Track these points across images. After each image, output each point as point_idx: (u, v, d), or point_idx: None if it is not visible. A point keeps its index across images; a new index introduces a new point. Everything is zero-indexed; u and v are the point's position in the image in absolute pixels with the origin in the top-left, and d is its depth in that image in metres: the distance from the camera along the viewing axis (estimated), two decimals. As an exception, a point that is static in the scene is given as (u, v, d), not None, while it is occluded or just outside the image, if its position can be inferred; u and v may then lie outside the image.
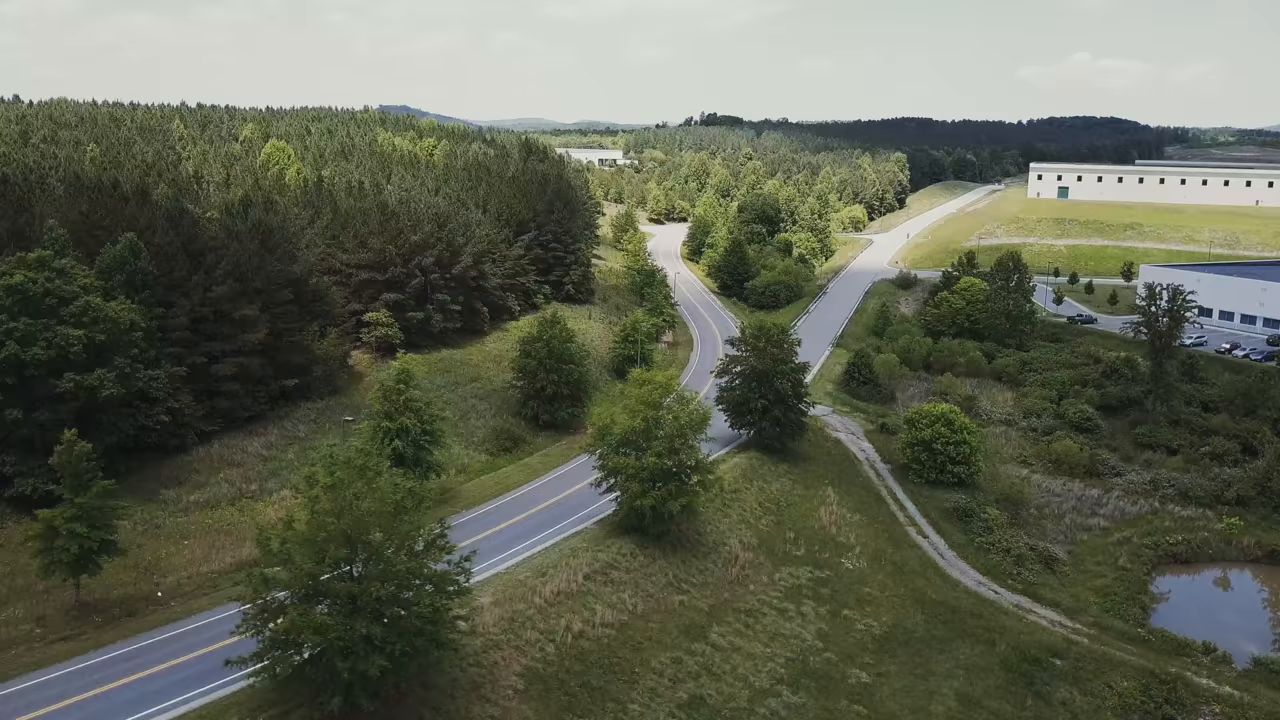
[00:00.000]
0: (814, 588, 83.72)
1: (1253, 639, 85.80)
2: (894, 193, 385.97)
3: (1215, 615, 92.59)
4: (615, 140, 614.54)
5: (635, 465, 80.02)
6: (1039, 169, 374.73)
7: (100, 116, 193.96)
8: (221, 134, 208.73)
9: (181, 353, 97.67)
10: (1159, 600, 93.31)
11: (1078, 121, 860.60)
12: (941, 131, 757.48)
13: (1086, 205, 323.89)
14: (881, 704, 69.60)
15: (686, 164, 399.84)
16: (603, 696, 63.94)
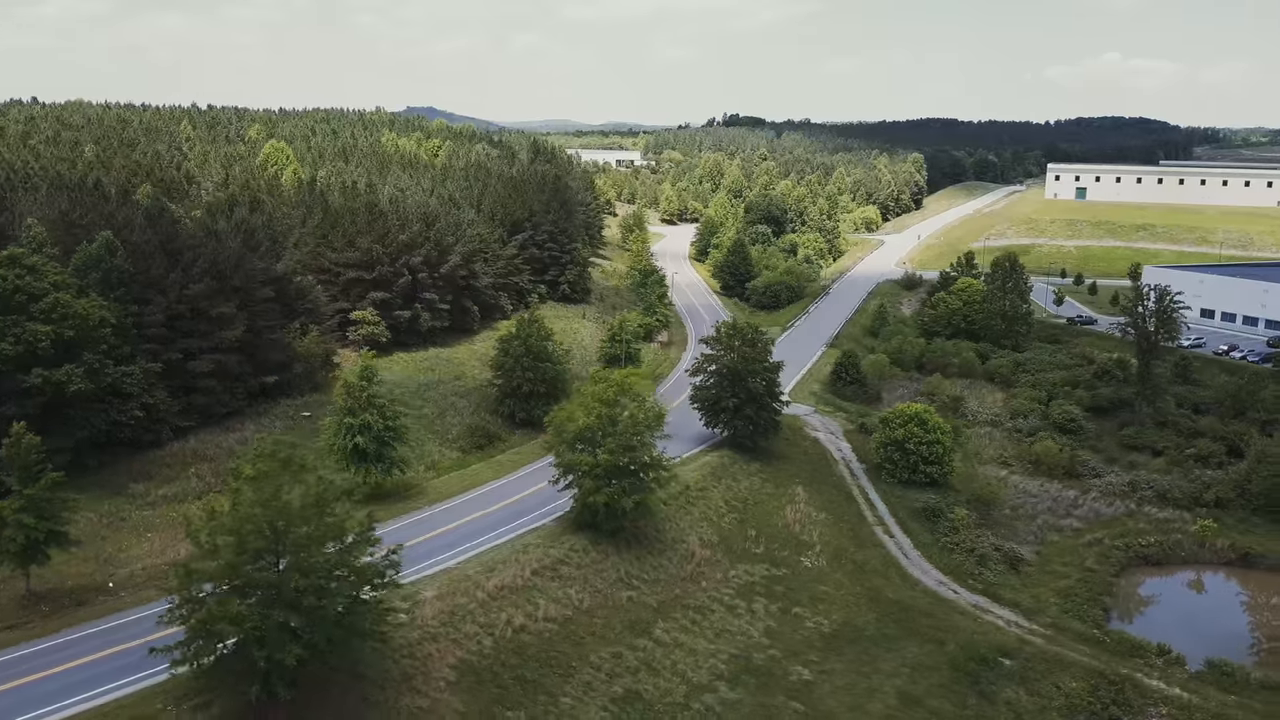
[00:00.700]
0: (768, 585, 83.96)
1: (1213, 641, 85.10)
2: (910, 193, 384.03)
3: (1179, 617, 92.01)
4: (636, 141, 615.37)
5: (589, 462, 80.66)
6: (1056, 169, 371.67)
7: (108, 118, 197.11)
8: (229, 135, 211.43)
9: (157, 349, 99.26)
10: (1122, 602, 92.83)
11: (1105, 122, 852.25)
12: (966, 132, 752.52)
13: (1102, 206, 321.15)
14: (820, 701, 69.77)
15: (701, 165, 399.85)
16: (535, 689, 64.56)
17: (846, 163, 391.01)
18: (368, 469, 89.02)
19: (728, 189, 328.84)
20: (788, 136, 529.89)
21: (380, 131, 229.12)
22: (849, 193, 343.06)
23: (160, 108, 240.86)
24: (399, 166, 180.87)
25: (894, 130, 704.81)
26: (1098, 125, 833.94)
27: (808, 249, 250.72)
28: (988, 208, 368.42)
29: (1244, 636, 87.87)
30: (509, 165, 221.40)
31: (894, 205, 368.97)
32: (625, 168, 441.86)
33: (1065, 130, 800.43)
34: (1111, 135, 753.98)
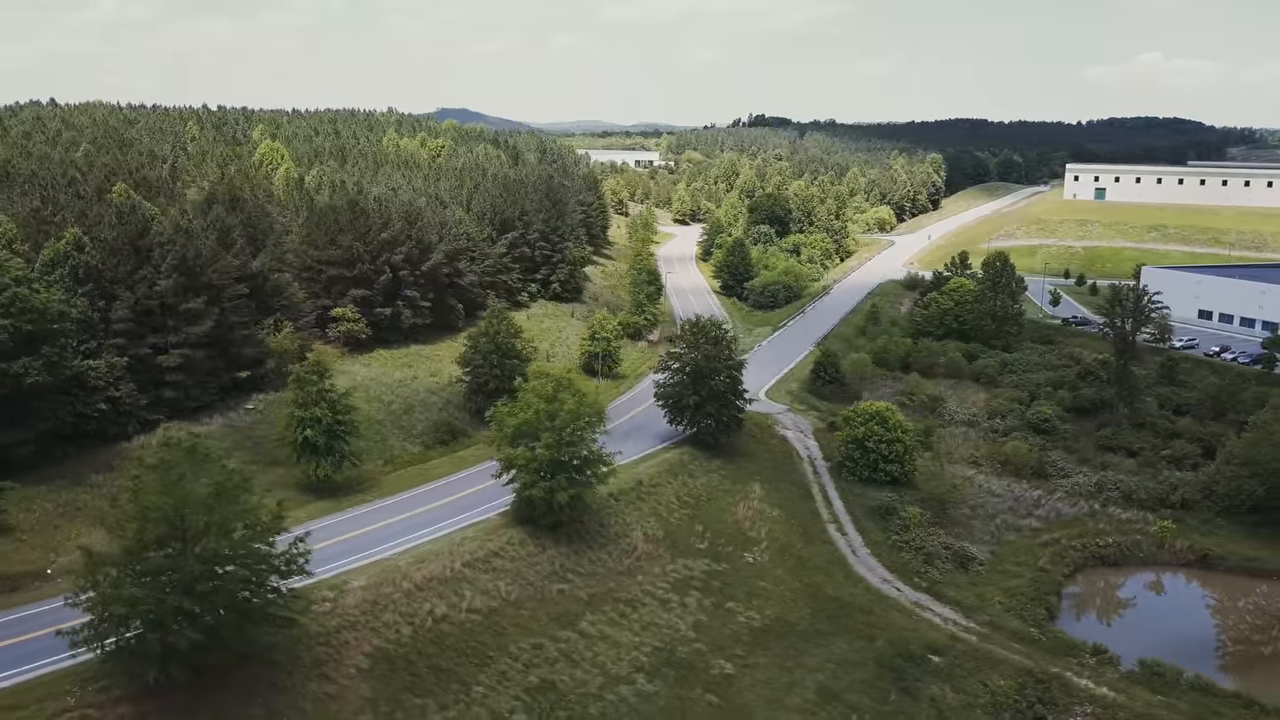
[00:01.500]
0: (706, 580, 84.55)
1: (1156, 642, 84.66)
2: (928, 194, 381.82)
3: (1126, 618, 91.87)
4: (658, 142, 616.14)
5: (527, 456, 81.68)
6: (1075, 170, 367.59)
7: (114, 119, 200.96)
8: (236, 135, 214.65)
9: (125, 344, 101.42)
10: (1069, 602, 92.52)
11: (1138, 122, 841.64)
12: (994, 132, 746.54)
13: (1119, 207, 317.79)
14: (737, 694, 70.31)
15: (716, 165, 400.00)
16: (449, 678, 65.64)
17: (862, 163, 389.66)
18: (318, 462, 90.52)
19: (740, 189, 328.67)
20: (810, 137, 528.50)
21: (384, 132, 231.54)
22: (863, 193, 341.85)
23: (170, 109, 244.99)
24: (392, 166, 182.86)
25: (921, 131, 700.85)
26: (1130, 126, 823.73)
27: (812, 249, 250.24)
28: (1006, 209, 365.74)
29: (1189, 638, 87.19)
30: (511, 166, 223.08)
31: (910, 206, 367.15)
32: (643, 168, 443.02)
33: (1096, 131, 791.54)
34: (1143, 136, 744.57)
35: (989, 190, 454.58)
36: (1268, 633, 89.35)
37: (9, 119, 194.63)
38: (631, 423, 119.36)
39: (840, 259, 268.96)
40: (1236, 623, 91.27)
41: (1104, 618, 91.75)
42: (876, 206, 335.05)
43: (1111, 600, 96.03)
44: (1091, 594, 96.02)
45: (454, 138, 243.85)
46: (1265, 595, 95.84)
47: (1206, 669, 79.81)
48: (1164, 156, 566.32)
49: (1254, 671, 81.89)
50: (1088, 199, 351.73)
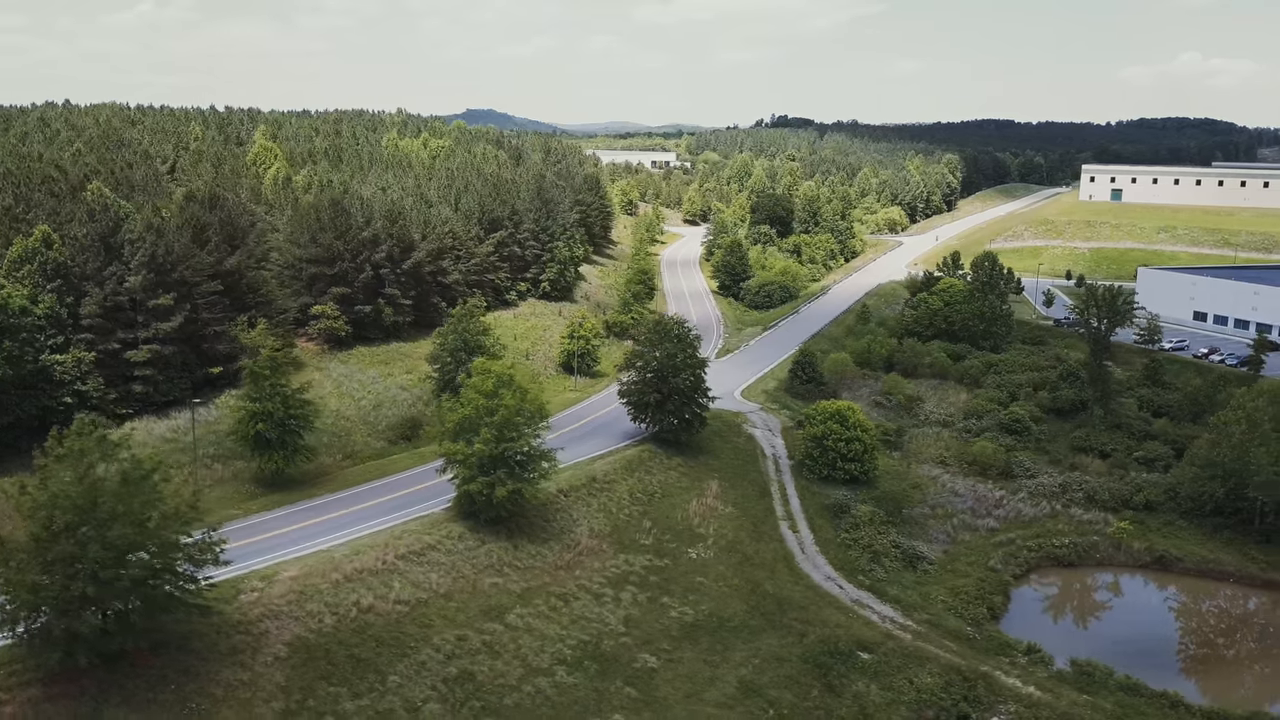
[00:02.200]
0: (644, 575, 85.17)
1: (1097, 641, 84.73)
2: (942, 195, 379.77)
3: (1070, 618, 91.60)
4: (678, 143, 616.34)
5: (465, 451, 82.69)
6: (1091, 171, 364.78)
7: (117, 119, 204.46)
8: (239, 136, 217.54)
9: (94, 339, 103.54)
10: (1015, 602, 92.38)
11: (1170, 123, 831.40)
12: (1021, 133, 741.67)
13: (1134, 208, 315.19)
14: (657, 688, 70.92)
15: (729, 166, 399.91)
16: (366, 668, 66.70)
17: (877, 164, 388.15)
18: (270, 455, 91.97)
19: (750, 190, 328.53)
20: (829, 138, 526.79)
21: (388, 132, 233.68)
22: (874, 194, 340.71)
23: (176, 110, 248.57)
24: (384, 166, 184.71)
25: (945, 131, 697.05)
26: (1160, 126, 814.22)
27: (814, 249, 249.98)
28: (1020, 210, 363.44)
29: (1132, 638, 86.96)
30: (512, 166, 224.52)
31: (923, 207, 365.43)
32: (658, 169, 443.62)
33: (1124, 132, 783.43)
34: (1173, 137, 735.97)
35: (1007, 191, 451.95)
36: (1214, 634, 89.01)
37: (16, 119, 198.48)
38: (599, 420, 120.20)
39: (845, 259, 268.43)
40: (1185, 624, 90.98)
41: (1050, 618, 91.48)
42: (887, 207, 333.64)
43: (1059, 600, 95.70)
44: (1041, 594, 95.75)
45: (456, 138, 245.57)
46: (1217, 597, 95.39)
47: (1144, 669, 79.45)
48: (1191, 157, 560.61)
49: (1192, 672, 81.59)
50: (1104, 200, 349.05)
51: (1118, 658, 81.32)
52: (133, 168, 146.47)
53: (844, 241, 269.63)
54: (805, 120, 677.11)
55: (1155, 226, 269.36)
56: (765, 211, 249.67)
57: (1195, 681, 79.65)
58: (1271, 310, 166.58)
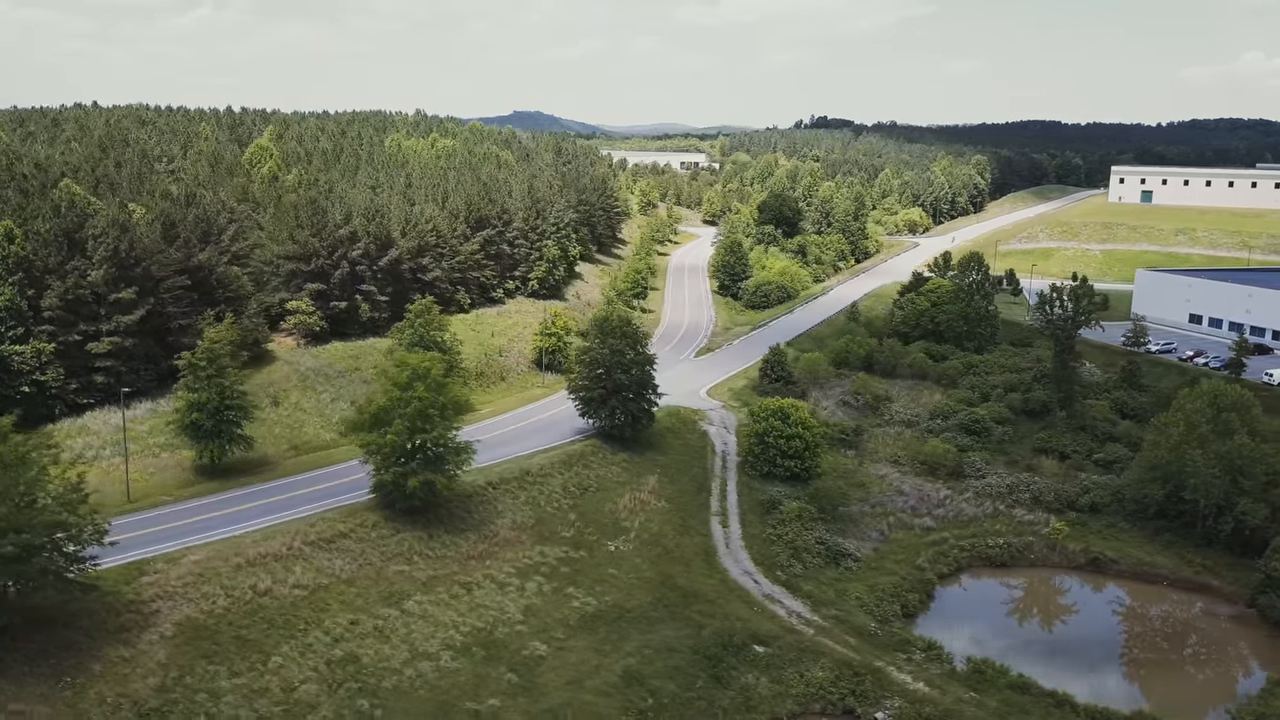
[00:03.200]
0: (555, 567, 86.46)
1: (1008, 639, 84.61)
2: (968, 196, 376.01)
3: (985, 617, 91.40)
4: (713, 144, 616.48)
5: (377, 441, 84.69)
6: (1120, 172, 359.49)
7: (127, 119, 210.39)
8: (250, 136, 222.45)
9: (55, 331, 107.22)
10: (936, 601, 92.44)
11: (1222, 124, 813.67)
12: (1066, 134, 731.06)
13: (1162, 210, 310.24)
14: (540, 675, 72.19)
15: (752, 166, 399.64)
16: (250, 648, 68.81)
17: (901, 165, 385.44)
18: (206, 444, 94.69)
19: (770, 190, 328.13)
20: (864, 139, 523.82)
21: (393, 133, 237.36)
22: (895, 195, 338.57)
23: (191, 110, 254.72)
24: (375, 166, 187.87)
25: (988, 132, 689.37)
26: (1212, 127, 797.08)
27: (824, 250, 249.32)
28: (1047, 211, 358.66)
29: (1044, 637, 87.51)
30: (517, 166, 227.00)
31: (948, 208, 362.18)
32: (686, 169, 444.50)
33: (1174, 133, 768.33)
34: (1224, 137, 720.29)
35: (1042, 193, 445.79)
36: (1130, 636, 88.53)
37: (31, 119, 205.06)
38: (557, 415, 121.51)
39: (856, 260, 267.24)
40: (1103, 625, 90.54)
41: (968, 617, 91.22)
42: (908, 209, 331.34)
43: (983, 600, 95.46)
44: (966, 594, 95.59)
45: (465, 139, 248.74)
46: (1145, 599, 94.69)
47: (1049, 669, 79.75)
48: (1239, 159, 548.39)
49: (1096, 672, 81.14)
50: (1133, 202, 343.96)
51: (1025, 657, 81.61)
52: (120, 167, 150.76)
53: (855, 242, 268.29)
54: (844, 121, 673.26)
55: (1174, 229, 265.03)
56: (771, 212, 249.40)
57: (1095, 681, 79.08)
58: (1265, 313, 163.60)
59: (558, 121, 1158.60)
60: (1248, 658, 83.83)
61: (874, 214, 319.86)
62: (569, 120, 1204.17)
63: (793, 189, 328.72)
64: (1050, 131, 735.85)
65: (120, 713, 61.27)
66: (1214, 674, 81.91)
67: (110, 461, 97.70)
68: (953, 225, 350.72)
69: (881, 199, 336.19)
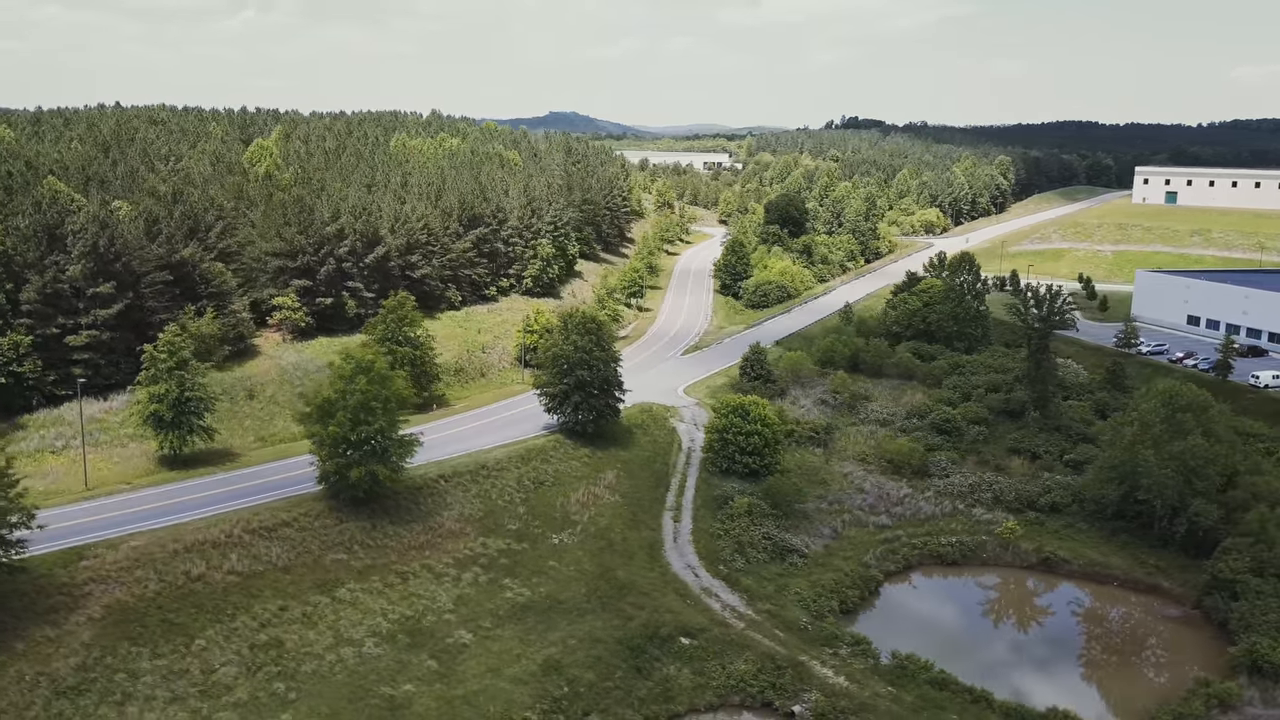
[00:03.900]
0: (495, 558, 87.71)
1: (939, 638, 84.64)
2: (989, 197, 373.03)
3: (924, 614, 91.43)
4: (740, 144, 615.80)
5: (320, 432, 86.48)
6: (1145, 173, 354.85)
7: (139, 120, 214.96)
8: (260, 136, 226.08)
9: (33, 324, 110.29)
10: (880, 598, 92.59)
11: (1265, 124, 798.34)
12: (1101, 134, 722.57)
13: (1181, 211, 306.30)
14: (461, 662, 73.45)
15: (772, 167, 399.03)
16: (175, 631, 70.76)
17: (921, 165, 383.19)
18: (166, 434, 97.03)
19: (780, 190, 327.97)
20: (892, 139, 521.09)
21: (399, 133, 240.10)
22: (913, 195, 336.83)
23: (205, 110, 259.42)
24: (371, 165, 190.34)
25: (1022, 133, 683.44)
26: (1255, 127, 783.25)
27: (828, 250, 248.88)
28: (1072, 212, 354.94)
29: (980, 634, 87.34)
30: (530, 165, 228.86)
31: (968, 209, 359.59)
32: (709, 169, 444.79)
33: (1214, 133, 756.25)
34: (1266, 138, 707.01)
35: (1069, 194, 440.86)
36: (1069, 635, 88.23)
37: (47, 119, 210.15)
38: (530, 410, 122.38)
39: (866, 260, 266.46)
40: (1042, 624, 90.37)
41: (909, 614, 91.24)
42: (925, 209, 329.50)
43: (928, 598, 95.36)
44: (912, 591, 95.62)
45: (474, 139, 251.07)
46: (1091, 599, 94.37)
47: (977, 666, 79.90)
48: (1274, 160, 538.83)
49: (1024, 670, 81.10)
50: (1157, 203, 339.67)
51: (959, 655, 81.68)
52: (115, 165, 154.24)
53: (866, 243, 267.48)
54: (875, 121, 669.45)
55: (1189, 230, 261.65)
56: (778, 212, 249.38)
57: (1024, 680, 79.04)
58: (1261, 314, 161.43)
59: (593, 122, 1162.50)
60: (1184, 659, 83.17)
61: (890, 214, 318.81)
62: (604, 121, 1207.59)
63: (809, 189, 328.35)
64: (1085, 132, 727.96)
65: (37, 690, 63.39)
66: (1146, 674, 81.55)
67: (78, 451, 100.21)
68: (972, 226, 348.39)
69: (899, 199, 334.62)
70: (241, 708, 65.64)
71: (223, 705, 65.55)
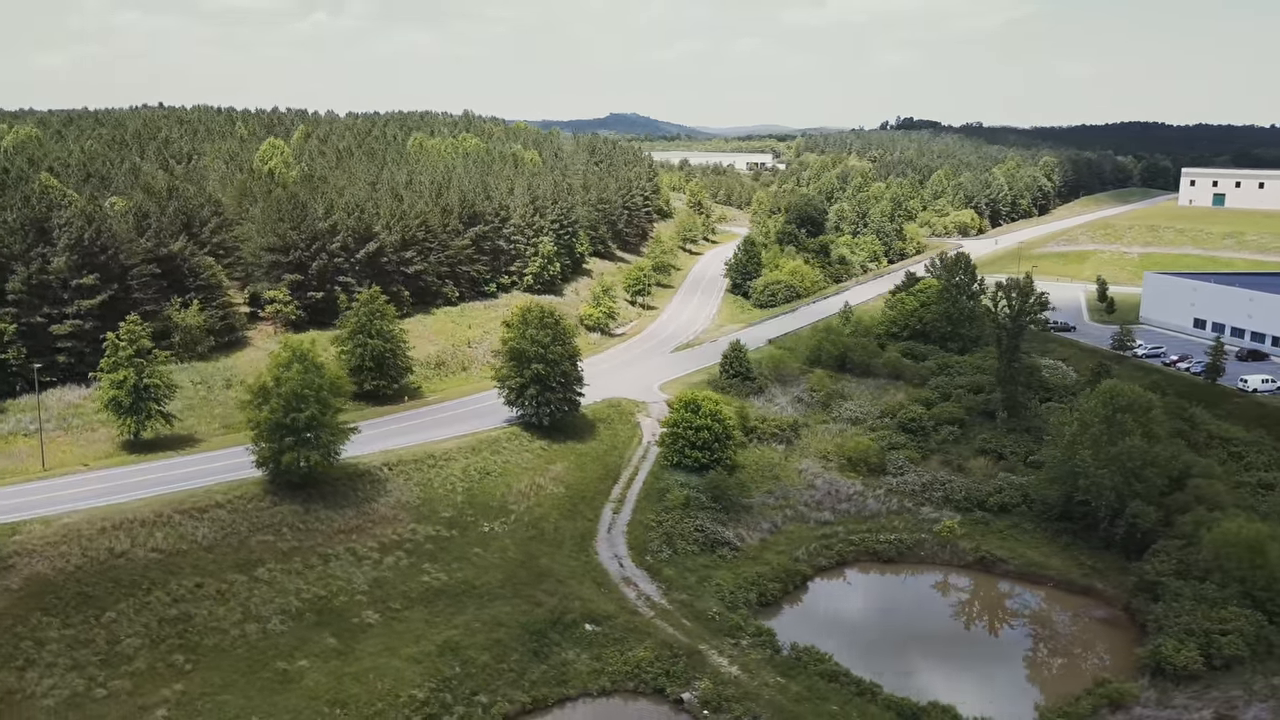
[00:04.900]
0: (420, 544, 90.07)
1: (851, 633, 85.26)
2: (1031, 198, 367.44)
3: (852, 609, 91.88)
4: (790, 145, 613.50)
5: (255, 417, 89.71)
6: (1191, 174, 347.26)
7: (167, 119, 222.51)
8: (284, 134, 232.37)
9: (18, 312, 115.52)
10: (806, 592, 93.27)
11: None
12: (1167, 135, 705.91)
13: (1221, 213, 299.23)
14: (361, 641, 75.84)
15: (810, 167, 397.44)
16: (90, 603, 74.22)
17: (960, 165, 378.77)
18: (125, 419, 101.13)
19: (818, 190, 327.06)
20: (940, 140, 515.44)
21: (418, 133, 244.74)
22: (948, 196, 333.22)
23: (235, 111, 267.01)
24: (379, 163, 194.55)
25: (1083, 134, 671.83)
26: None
27: (850, 251, 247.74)
28: (1114, 215, 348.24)
29: (893, 629, 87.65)
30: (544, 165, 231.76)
31: (1008, 211, 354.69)
32: (750, 170, 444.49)
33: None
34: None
35: (1121, 196, 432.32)
36: (985, 633, 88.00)
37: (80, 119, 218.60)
38: (494, 404, 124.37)
39: (890, 261, 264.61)
40: (964, 622, 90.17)
41: (819, 607, 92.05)
42: (959, 210, 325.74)
43: (855, 593, 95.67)
44: (843, 586, 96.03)
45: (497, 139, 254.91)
46: (1017, 599, 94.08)
47: (882, 660, 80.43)
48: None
49: (932, 666, 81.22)
50: (1204, 205, 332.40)
51: (866, 648, 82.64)
52: (120, 163, 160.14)
53: (890, 244, 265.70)
54: (931, 122, 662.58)
55: (1223, 232, 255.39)
56: (796, 212, 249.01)
57: (928, 675, 79.30)
58: (1265, 318, 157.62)
59: (654, 123, 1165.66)
60: (1097, 660, 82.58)
61: (923, 215, 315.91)
62: (665, 122, 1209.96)
63: (842, 189, 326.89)
64: (1150, 133, 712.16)
65: (-58, 654, 67.12)
66: (1052, 675, 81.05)
67: (51, 435, 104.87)
68: (1013, 227, 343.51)
69: (933, 200, 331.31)
70: (137, 677, 68.77)
71: (120, 674, 68.74)
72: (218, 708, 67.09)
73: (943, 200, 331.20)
